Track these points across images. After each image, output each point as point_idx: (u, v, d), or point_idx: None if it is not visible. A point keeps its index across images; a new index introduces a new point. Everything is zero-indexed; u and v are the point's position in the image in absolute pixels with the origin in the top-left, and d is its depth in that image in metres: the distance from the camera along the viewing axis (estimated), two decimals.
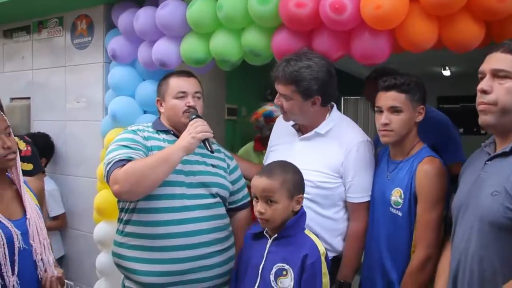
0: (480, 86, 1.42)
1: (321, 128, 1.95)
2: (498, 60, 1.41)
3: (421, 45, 1.83)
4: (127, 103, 2.68)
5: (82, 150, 3.06)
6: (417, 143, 1.88)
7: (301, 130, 2.03)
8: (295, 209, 1.68)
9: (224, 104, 4.33)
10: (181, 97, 1.93)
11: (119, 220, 1.92)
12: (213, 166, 1.96)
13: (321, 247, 1.65)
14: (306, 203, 1.86)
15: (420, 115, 1.85)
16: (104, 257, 2.67)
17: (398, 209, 1.82)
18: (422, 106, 1.85)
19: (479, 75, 1.46)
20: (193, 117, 1.87)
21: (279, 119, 2.16)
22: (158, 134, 1.93)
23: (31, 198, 1.72)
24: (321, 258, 1.63)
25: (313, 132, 1.96)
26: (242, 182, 2.09)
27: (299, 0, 1.89)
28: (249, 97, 4.73)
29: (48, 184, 3.02)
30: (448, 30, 1.78)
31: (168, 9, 2.30)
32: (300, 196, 1.69)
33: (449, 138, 2.48)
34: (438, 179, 1.76)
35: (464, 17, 1.74)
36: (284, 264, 1.62)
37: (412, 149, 1.87)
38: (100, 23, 2.91)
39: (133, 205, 1.83)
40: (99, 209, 2.64)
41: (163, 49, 2.39)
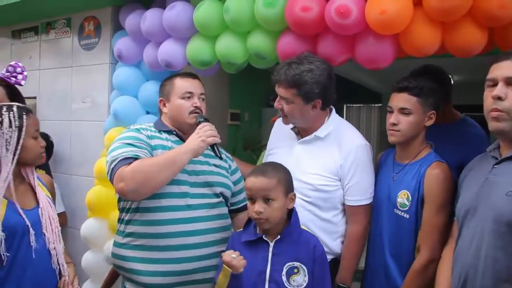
0: (495, 92, 1.43)
1: (321, 132, 1.96)
2: (511, 68, 1.43)
3: (424, 50, 1.85)
4: (130, 103, 2.72)
5: (85, 150, 3.08)
6: (424, 148, 1.90)
7: (300, 133, 2.04)
8: (289, 207, 1.70)
9: (227, 109, 4.36)
10: (187, 98, 1.93)
11: (120, 220, 1.90)
12: (216, 166, 1.97)
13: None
14: (306, 206, 1.88)
15: (430, 120, 1.87)
16: (90, 256, 2.67)
17: (404, 211, 1.84)
18: (433, 112, 1.86)
19: (488, 82, 1.48)
20: (201, 120, 1.88)
21: (277, 122, 2.17)
22: (161, 133, 1.92)
23: (43, 190, 1.84)
24: None
25: (312, 135, 1.97)
26: (242, 183, 2.09)
27: (305, 4, 1.92)
28: (252, 102, 4.76)
29: None
30: (451, 35, 1.81)
31: (175, 11, 2.33)
32: (293, 193, 1.72)
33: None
34: (446, 183, 1.79)
35: (467, 23, 1.76)
36: (294, 262, 1.65)
37: (419, 153, 1.89)
38: (108, 25, 2.95)
39: (135, 205, 1.81)
40: (90, 204, 2.68)
41: (169, 50, 2.42)
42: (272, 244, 1.68)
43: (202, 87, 2.01)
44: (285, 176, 1.71)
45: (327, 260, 1.71)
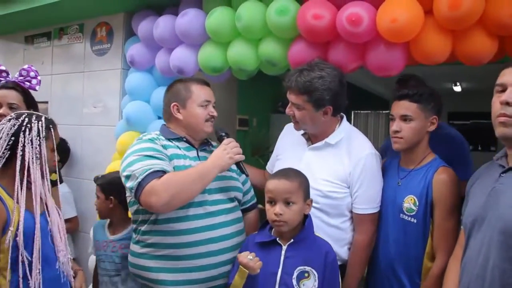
0: (503, 98, 1.42)
1: (331, 139, 1.97)
2: None
3: (435, 58, 1.87)
4: (142, 108, 2.75)
5: (96, 154, 3.11)
6: (429, 153, 1.92)
7: (310, 139, 2.05)
8: (306, 212, 1.74)
9: (235, 114, 4.38)
10: (205, 106, 1.95)
11: (135, 230, 1.90)
12: (227, 169, 1.97)
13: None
14: (315, 212, 1.89)
15: (432, 125, 1.89)
16: None
17: (411, 216, 1.85)
18: (435, 117, 1.88)
19: (497, 88, 1.47)
20: (223, 134, 1.91)
21: (287, 128, 2.19)
22: (171, 142, 1.91)
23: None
24: None
25: (323, 142, 1.98)
26: (249, 183, 2.12)
27: (317, 12, 1.95)
28: (260, 108, 4.77)
29: (62, 187, 3.06)
30: (462, 44, 1.83)
31: (188, 18, 2.37)
32: (310, 199, 1.76)
33: (461, 155, 2.48)
34: (454, 188, 1.81)
35: (478, 31, 1.78)
36: (306, 266, 1.67)
37: (424, 159, 1.91)
38: (120, 31, 2.99)
39: (154, 217, 1.80)
40: None
41: (181, 56, 2.45)
42: (285, 247, 1.71)
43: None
44: (305, 182, 1.75)
45: (338, 267, 1.73)
